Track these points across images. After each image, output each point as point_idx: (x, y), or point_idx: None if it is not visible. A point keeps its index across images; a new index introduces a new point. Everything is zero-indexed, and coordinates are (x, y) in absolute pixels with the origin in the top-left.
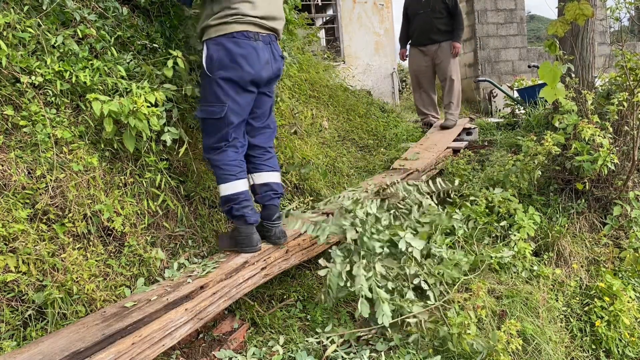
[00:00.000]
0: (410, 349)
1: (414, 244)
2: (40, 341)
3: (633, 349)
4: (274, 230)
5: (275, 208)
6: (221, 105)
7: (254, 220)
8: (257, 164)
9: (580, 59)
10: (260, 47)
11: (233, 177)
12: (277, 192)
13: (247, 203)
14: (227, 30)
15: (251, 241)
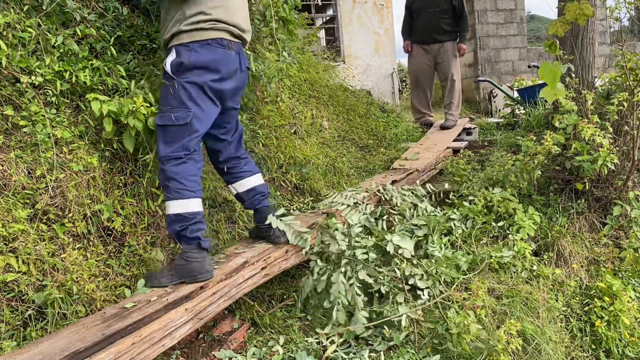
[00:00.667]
0: (410, 349)
1: (403, 245)
2: (40, 341)
3: (633, 349)
4: (272, 230)
5: (267, 209)
6: (186, 110)
7: (207, 246)
8: (236, 172)
9: (580, 59)
10: (231, 55)
11: (191, 194)
12: (264, 193)
13: (202, 225)
14: (202, 36)
15: (203, 266)
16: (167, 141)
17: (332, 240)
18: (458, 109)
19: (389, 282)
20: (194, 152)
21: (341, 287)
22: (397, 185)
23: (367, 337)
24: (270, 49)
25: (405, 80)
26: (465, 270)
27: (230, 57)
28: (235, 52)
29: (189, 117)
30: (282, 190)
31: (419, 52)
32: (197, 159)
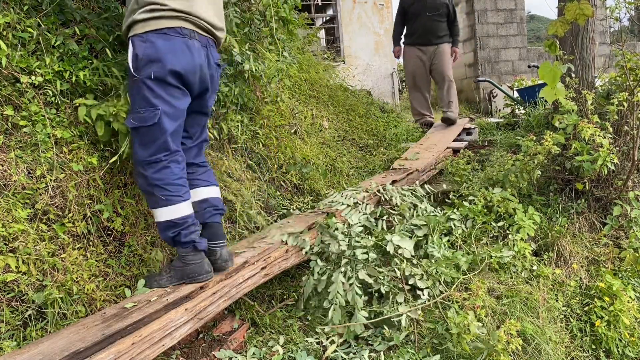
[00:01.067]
0: (410, 349)
1: (403, 245)
2: (40, 341)
3: (633, 349)
4: (219, 252)
5: (218, 226)
6: (153, 109)
7: (204, 247)
8: (191, 180)
9: (580, 59)
10: (195, 46)
11: (179, 198)
12: (218, 208)
13: (195, 228)
14: (157, 25)
15: (202, 267)
16: (142, 144)
17: (332, 240)
18: (457, 107)
19: (389, 282)
20: (176, 153)
21: (340, 287)
22: (397, 185)
23: (367, 337)
24: (270, 49)
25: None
26: (465, 270)
27: (193, 47)
28: (202, 45)
29: (157, 115)
30: (282, 190)
31: (415, 53)
32: (179, 159)
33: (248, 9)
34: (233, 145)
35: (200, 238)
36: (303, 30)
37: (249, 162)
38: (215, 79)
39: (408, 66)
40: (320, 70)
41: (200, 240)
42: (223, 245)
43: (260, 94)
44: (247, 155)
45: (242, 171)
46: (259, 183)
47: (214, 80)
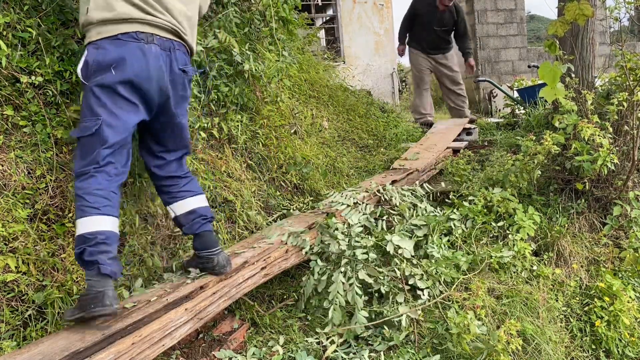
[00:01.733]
0: (410, 349)
1: (403, 245)
2: (40, 341)
3: (633, 349)
4: (215, 259)
5: (210, 234)
6: (95, 118)
7: (111, 272)
8: (174, 192)
9: (580, 59)
10: (151, 51)
11: (95, 210)
12: (207, 217)
13: (106, 247)
14: (111, 32)
15: (103, 299)
16: (81, 155)
17: (332, 240)
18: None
19: (389, 282)
20: (107, 165)
21: (340, 287)
22: (397, 185)
23: (367, 337)
24: (270, 49)
25: (405, 80)
26: (465, 270)
27: (149, 52)
28: (161, 49)
29: (97, 124)
30: (282, 190)
31: (421, 56)
32: (111, 172)
33: (248, 9)
34: (233, 145)
35: (110, 260)
36: (303, 30)
37: (249, 162)
38: (178, 84)
39: (415, 67)
40: (320, 70)
41: (107, 262)
42: (218, 251)
43: (260, 94)
44: (247, 155)
45: (242, 171)
46: (259, 183)
47: (176, 86)
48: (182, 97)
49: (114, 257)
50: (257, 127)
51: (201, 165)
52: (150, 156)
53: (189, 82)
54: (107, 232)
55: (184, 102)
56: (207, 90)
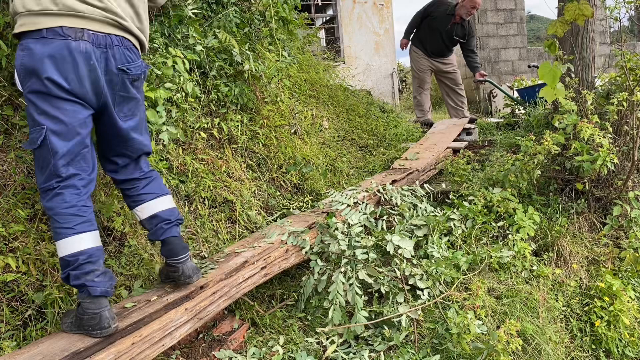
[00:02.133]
0: (410, 349)
1: (403, 245)
2: (40, 341)
3: (633, 349)
4: (180, 268)
5: (176, 240)
6: (38, 128)
7: (102, 292)
8: (134, 196)
9: (580, 59)
10: (80, 49)
11: (70, 231)
12: (171, 221)
13: (91, 267)
14: (34, 26)
15: (100, 322)
16: (38, 168)
17: (332, 240)
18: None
19: (389, 282)
20: (71, 178)
21: (340, 287)
22: (397, 185)
23: (367, 337)
24: (270, 49)
25: (405, 80)
26: (465, 270)
27: (76, 51)
28: (96, 46)
29: (41, 135)
30: (282, 190)
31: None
32: (78, 184)
33: (248, 9)
34: (233, 145)
35: (98, 278)
36: (303, 30)
37: (249, 162)
38: (116, 85)
39: (417, 67)
40: (320, 70)
41: (96, 282)
42: (184, 259)
43: (260, 94)
44: (247, 155)
45: (242, 171)
46: (259, 183)
47: (114, 87)
48: (124, 98)
49: (102, 273)
50: (257, 127)
51: (201, 165)
52: (104, 160)
53: (133, 82)
54: (88, 250)
55: (128, 103)
56: (207, 90)
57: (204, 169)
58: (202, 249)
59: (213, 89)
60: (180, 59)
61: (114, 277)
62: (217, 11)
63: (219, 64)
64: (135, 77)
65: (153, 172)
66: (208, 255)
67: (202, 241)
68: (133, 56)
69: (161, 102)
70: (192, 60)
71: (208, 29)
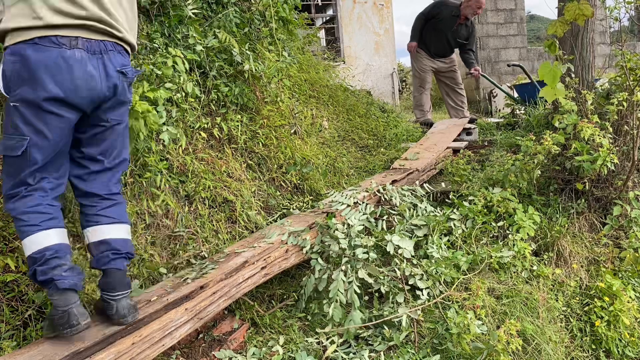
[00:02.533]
0: (410, 349)
1: (403, 245)
2: (40, 341)
3: (633, 349)
4: (114, 306)
5: (117, 274)
6: (21, 138)
7: (71, 284)
8: (90, 214)
9: (580, 59)
10: (75, 57)
11: (35, 228)
12: (120, 252)
13: (57, 262)
14: (27, 35)
15: (69, 319)
16: (8, 174)
17: (332, 240)
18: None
19: (389, 282)
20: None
21: (340, 285)
22: (397, 185)
23: (367, 337)
24: (270, 49)
25: (405, 80)
26: (465, 270)
27: (72, 59)
28: (91, 53)
29: (23, 146)
30: (282, 190)
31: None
32: (45, 187)
33: (248, 9)
34: (233, 145)
35: (66, 273)
36: (303, 30)
37: (249, 162)
38: (117, 89)
39: (418, 68)
40: (320, 70)
41: (64, 276)
42: (122, 296)
43: (260, 94)
44: (247, 155)
45: (242, 171)
46: (259, 183)
47: (116, 91)
48: (119, 102)
49: (69, 268)
50: (257, 127)
51: (201, 165)
52: (72, 163)
53: (129, 86)
54: (55, 246)
55: (121, 107)
56: (207, 90)
57: (204, 169)
58: (202, 249)
59: (213, 89)
60: (180, 59)
61: (82, 272)
62: (217, 11)
63: (219, 64)
64: (131, 81)
65: (119, 197)
66: (208, 255)
67: (202, 241)
68: (126, 60)
69: (161, 102)
70: (192, 60)
71: (208, 29)
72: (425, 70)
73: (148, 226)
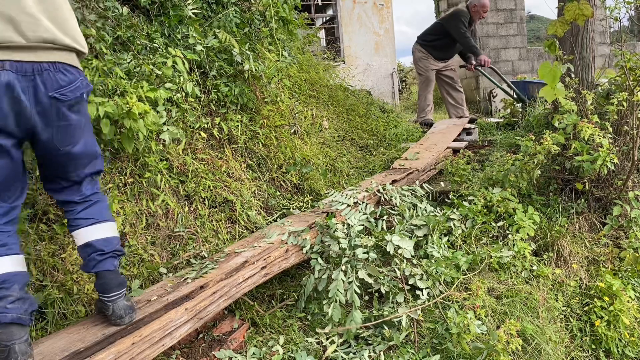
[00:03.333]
0: (410, 349)
1: (403, 245)
2: (40, 341)
3: (633, 349)
4: (111, 307)
5: (109, 275)
6: None
7: (13, 318)
8: (71, 219)
9: (580, 59)
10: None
11: None
12: (105, 252)
13: (4, 292)
14: None
15: (8, 356)
16: None
17: (332, 240)
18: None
19: (389, 282)
20: None
21: (340, 285)
22: (397, 185)
23: (367, 337)
24: (270, 49)
25: (405, 80)
26: (465, 270)
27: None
28: (20, 74)
29: None
30: (282, 190)
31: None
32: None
33: (248, 9)
34: (233, 145)
35: (11, 305)
36: (303, 30)
37: (249, 162)
38: (52, 114)
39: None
40: (320, 70)
41: (8, 309)
42: (116, 297)
43: (260, 94)
44: (247, 155)
45: (242, 171)
46: (259, 183)
47: (48, 116)
48: (61, 127)
49: (17, 299)
50: (257, 127)
51: (201, 165)
52: (45, 181)
53: (71, 108)
54: (2, 276)
55: (68, 130)
56: (207, 90)
57: (204, 168)
58: (202, 249)
59: (213, 89)
60: (180, 59)
61: (35, 303)
62: (217, 11)
63: (219, 63)
64: (73, 102)
65: (96, 196)
66: (208, 255)
67: (202, 241)
68: (69, 77)
69: (161, 102)
70: (192, 60)
71: (208, 29)
72: (430, 69)
73: (148, 226)
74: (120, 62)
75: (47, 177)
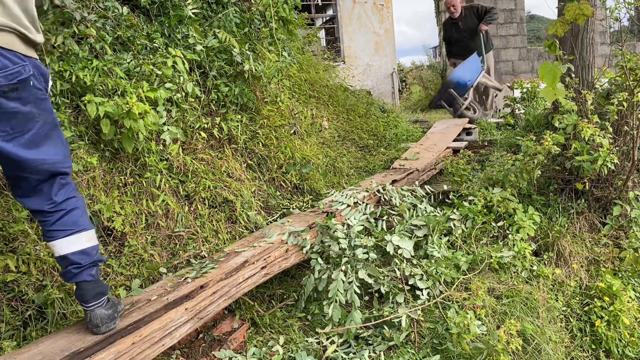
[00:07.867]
0: (410, 349)
1: (403, 245)
2: (40, 341)
3: (633, 349)
4: (88, 315)
5: (87, 285)
6: None
7: None
8: (46, 230)
9: (580, 59)
10: None
11: None
12: (81, 265)
13: None
14: None
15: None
16: None
17: (332, 240)
18: None
19: (389, 282)
20: None
21: (340, 285)
22: (397, 185)
23: (367, 337)
24: (270, 49)
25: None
26: (465, 270)
27: None
28: None
29: None
30: (282, 190)
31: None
32: None
33: (248, 9)
34: (233, 145)
35: None
36: (303, 30)
37: (249, 162)
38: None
39: None
40: (320, 70)
41: None
42: (94, 307)
43: (260, 94)
44: (247, 155)
45: (242, 171)
46: (259, 183)
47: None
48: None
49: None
50: (257, 127)
51: (201, 165)
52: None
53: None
54: None
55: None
56: (207, 90)
57: (204, 169)
58: (202, 249)
59: (213, 89)
60: (180, 59)
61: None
62: (217, 11)
63: (219, 64)
64: (9, 88)
65: (69, 203)
66: (208, 255)
67: (202, 241)
68: (4, 63)
69: (161, 102)
70: (192, 60)
71: (208, 29)
72: None
73: (148, 226)
74: (120, 62)
75: (9, 182)
